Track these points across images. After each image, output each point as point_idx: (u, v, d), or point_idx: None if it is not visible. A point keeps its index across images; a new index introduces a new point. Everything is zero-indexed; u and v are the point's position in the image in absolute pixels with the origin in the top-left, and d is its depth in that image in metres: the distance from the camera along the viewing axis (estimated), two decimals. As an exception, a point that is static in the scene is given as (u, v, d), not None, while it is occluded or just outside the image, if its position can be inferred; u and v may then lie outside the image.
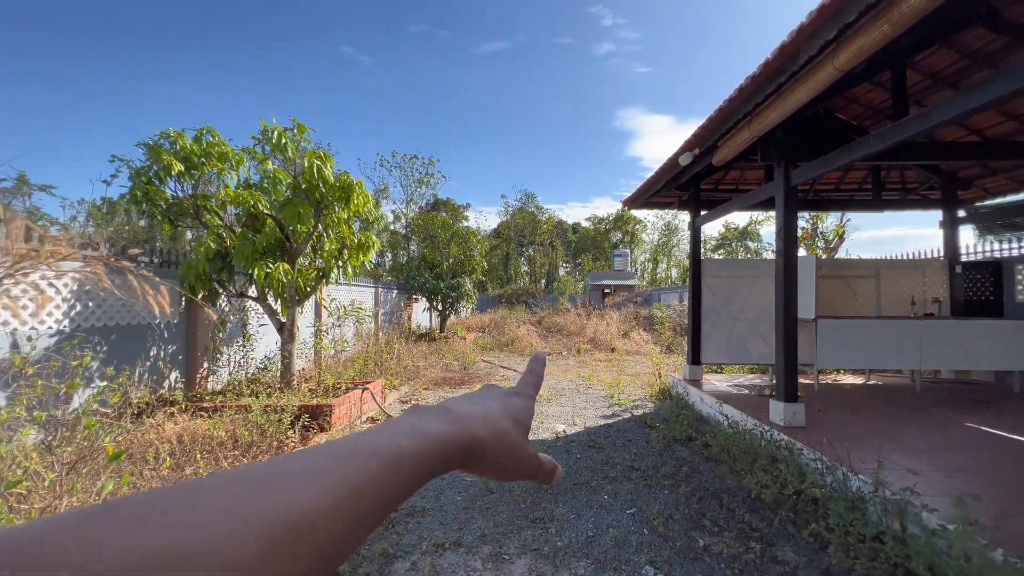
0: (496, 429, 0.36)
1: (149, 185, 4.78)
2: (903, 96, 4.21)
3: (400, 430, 0.30)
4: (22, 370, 2.41)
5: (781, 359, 4.35)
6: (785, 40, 3.06)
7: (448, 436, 0.32)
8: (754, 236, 42.11)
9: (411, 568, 2.56)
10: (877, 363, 5.57)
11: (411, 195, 36.79)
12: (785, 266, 4.38)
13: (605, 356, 11.59)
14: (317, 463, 0.24)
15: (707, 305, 6.59)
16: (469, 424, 0.34)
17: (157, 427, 3.75)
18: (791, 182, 4.43)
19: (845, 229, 13.96)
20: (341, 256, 5.90)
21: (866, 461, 3.15)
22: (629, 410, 6.06)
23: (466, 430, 0.33)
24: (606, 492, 3.51)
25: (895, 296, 6.93)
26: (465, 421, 0.34)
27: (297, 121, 5.12)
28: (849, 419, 4.48)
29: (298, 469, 0.24)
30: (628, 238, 47.32)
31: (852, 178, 7.37)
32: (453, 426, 0.33)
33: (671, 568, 2.54)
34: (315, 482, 0.23)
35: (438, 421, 0.33)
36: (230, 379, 5.91)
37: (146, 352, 4.84)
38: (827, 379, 6.72)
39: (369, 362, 8.01)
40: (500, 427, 0.36)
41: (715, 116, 4.19)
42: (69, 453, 2.37)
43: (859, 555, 2.45)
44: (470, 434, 0.34)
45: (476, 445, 0.34)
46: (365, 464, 0.26)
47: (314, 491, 0.22)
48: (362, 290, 10.94)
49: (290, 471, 0.23)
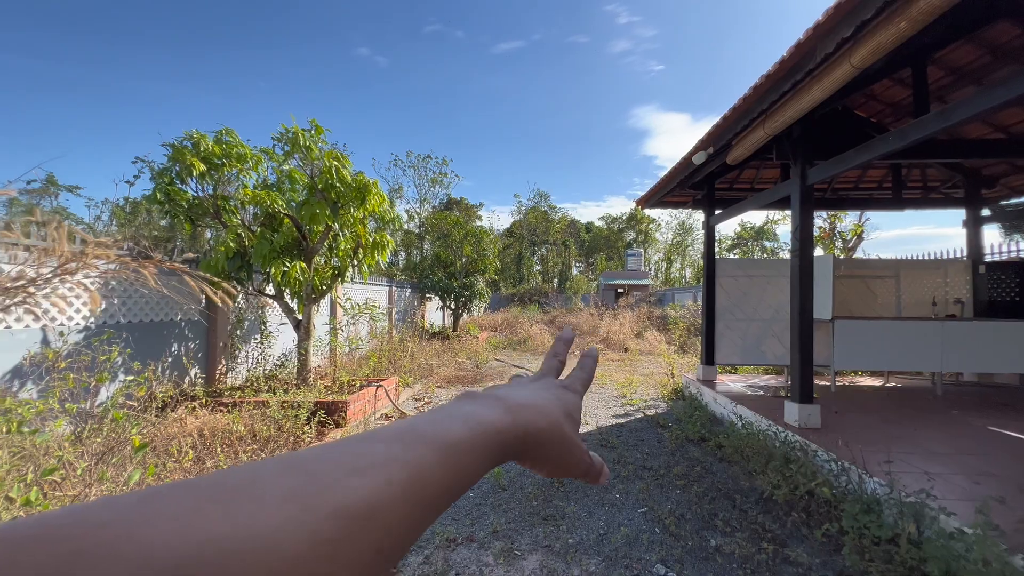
0: (550, 419, 0.35)
1: (171, 186, 4.91)
2: (924, 93, 4.13)
3: (455, 418, 0.29)
4: (55, 364, 2.51)
5: (796, 360, 4.30)
6: (801, 38, 3.04)
7: (505, 425, 0.31)
8: (770, 235, 41.52)
9: (424, 562, 2.61)
10: (896, 365, 5.47)
11: (424, 195, 37.02)
12: (801, 266, 4.34)
13: (618, 356, 11.55)
14: (373, 452, 0.23)
15: (721, 305, 6.53)
16: (525, 414, 0.33)
17: (179, 421, 3.86)
18: (807, 181, 4.38)
19: (864, 228, 13.69)
20: (356, 255, 5.99)
21: (882, 463, 3.11)
22: (642, 410, 6.04)
23: (523, 419, 0.32)
24: (618, 491, 3.52)
25: (916, 297, 6.78)
26: (520, 411, 0.33)
27: (315, 122, 5.22)
28: (866, 421, 4.42)
29: (353, 458, 0.23)
30: (642, 237, 46.98)
31: (871, 176, 7.23)
32: (509, 415, 0.32)
33: (682, 567, 2.55)
34: (372, 472, 0.22)
35: (493, 410, 0.31)
36: (248, 375, 6.04)
37: (168, 348, 4.99)
38: (844, 381, 6.62)
39: (383, 360, 8.11)
40: (555, 419, 0.35)
41: (729, 115, 4.17)
42: (98, 444, 2.47)
43: (874, 557, 2.42)
44: (526, 424, 0.32)
45: (533, 435, 0.32)
46: (422, 453, 0.25)
47: (371, 481, 0.22)
48: (376, 289, 11.07)
49: (345, 460, 0.22)
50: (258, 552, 0.17)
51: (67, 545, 0.14)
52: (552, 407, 0.36)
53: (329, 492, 0.20)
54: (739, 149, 4.61)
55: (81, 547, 0.14)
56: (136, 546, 0.15)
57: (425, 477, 0.24)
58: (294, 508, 0.19)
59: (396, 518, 0.21)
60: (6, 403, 2.11)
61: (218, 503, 0.18)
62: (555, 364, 0.46)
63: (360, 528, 0.20)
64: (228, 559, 0.16)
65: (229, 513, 0.17)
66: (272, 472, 0.20)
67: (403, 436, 0.25)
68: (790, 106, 3.69)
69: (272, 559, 0.17)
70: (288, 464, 0.21)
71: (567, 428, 0.36)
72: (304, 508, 0.19)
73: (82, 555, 0.14)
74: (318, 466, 0.21)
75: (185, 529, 0.16)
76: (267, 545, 0.17)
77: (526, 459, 0.34)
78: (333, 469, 0.21)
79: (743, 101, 3.89)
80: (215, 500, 0.18)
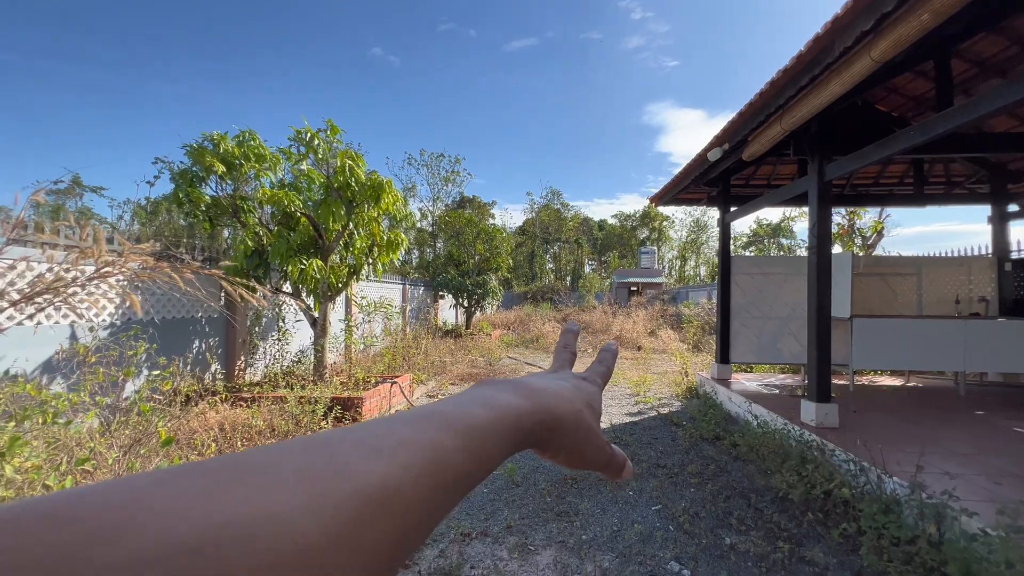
0: (572, 407, 0.34)
1: (191, 187, 5.03)
2: (947, 85, 4.03)
3: (475, 402, 0.29)
4: (85, 358, 2.61)
5: (814, 358, 4.25)
6: (819, 31, 2.99)
7: (525, 410, 0.30)
8: (787, 232, 40.86)
9: (439, 555, 2.65)
10: (917, 364, 5.36)
11: (437, 193, 37.23)
12: (819, 263, 4.28)
13: (631, 354, 11.49)
14: (393, 434, 0.23)
15: (736, 303, 6.47)
16: (545, 400, 0.32)
17: (201, 415, 3.96)
18: (825, 177, 4.31)
19: (884, 225, 13.40)
20: (371, 253, 6.06)
21: (902, 463, 3.06)
22: (655, 408, 6.02)
23: (542, 404, 0.32)
24: (631, 488, 3.52)
25: (938, 295, 6.63)
26: (541, 396, 0.32)
27: (331, 122, 5.29)
28: (886, 421, 4.35)
29: (374, 440, 0.22)
30: (655, 235, 46.61)
31: (892, 171, 7.08)
32: (529, 400, 0.31)
33: (697, 565, 2.55)
34: (391, 454, 0.22)
35: (513, 395, 0.31)
36: (266, 371, 6.16)
37: (189, 344, 5.11)
38: (863, 380, 6.50)
39: (397, 357, 8.20)
40: (576, 406, 0.35)
41: (745, 110, 4.12)
42: (126, 436, 2.56)
43: (892, 558, 2.39)
44: (547, 408, 0.32)
45: (553, 421, 0.32)
46: (441, 437, 0.24)
47: (391, 464, 0.21)
48: (390, 287, 11.18)
49: (365, 442, 0.22)
50: (279, 534, 0.16)
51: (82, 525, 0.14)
52: (572, 395, 0.35)
53: (348, 474, 0.20)
54: (755, 145, 4.56)
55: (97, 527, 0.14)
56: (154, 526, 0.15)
57: (445, 461, 0.23)
58: (312, 490, 0.18)
59: (416, 502, 0.21)
60: (42, 395, 2.20)
61: (235, 484, 0.17)
62: (567, 356, 0.46)
63: (380, 511, 0.19)
64: (249, 539, 0.16)
65: (247, 494, 0.17)
66: (290, 453, 0.20)
67: (423, 420, 0.25)
68: (808, 101, 3.64)
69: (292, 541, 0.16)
70: (307, 445, 0.21)
71: (588, 417, 0.35)
72: (323, 490, 0.19)
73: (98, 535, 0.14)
74: (337, 448, 0.21)
75: (203, 509, 0.16)
76: (287, 527, 0.17)
77: (546, 447, 0.33)
78: (352, 451, 0.21)
79: (759, 96, 3.84)
80: (232, 481, 0.17)
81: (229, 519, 0.16)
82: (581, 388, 0.38)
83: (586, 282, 32.20)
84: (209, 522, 0.15)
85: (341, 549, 0.18)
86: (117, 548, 0.14)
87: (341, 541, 0.18)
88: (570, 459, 0.35)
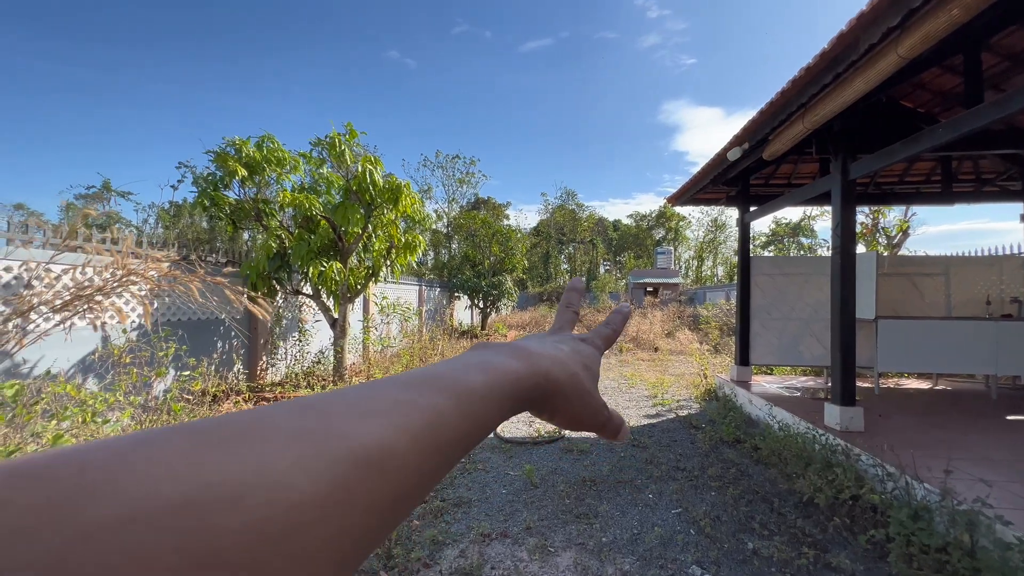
0: (568, 371, 0.34)
1: (215, 191, 5.15)
2: (977, 81, 3.91)
3: (472, 365, 0.29)
4: (120, 359, 2.70)
5: (838, 360, 4.16)
6: (844, 28, 2.94)
7: (521, 372, 0.30)
8: (807, 232, 40.05)
9: (460, 555, 2.66)
10: (946, 367, 5.21)
11: (453, 194, 37.41)
12: (842, 264, 4.19)
13: (648, 356, 11.40)
14: (388, 396, 0.23)
15: (756, 304, 6.37)
16: (541, 362, 0.32)
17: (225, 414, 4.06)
18: (849, 175, 4.22)
19: (909, 224, 13.06)
20: (389, 255, 6.14)
21: (932, 469, 2.98)
22: (673, 410, 5.96)
23: (538, 367, 0.32)
24: (651, 491, 3.50)
25: (967, 295, 6.44)
26: (536, 359, 0.32)
27: (350, 126, 5.37)
28: (913, 425, 4.24)
29: (368, 402, 0.22)
30: (672, 235, 46.13)
31: (918, 169, 6.89)
32: (525, 362, 0.31)
33: (719, 569, 2.52)
34: (386, 416, 0.21)
35: (509, 357, 0.31)
36: (287, 371, 6.28)
37: (214, 345, 5.24)
38: (888, 383, 6.35)
39: (414, 358, 8.26)
40: (571, 369, 0.35)
41: (766, 109, 4.06)
42: (157, 434, 2.63)
43: (922, 566, 2.34)
44: (543, 371, 0.32)
45: (549, 384, 0.32)
46: (436, 399, 0.24)
47: (386, 425, 0.21)
48: (407, 288, 11.28)
49: (360, 403, 0.22)
50: (270, 491, 0.16)
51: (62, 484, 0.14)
52: (569, 358, 0.35)
53: (342, 434, 0.19)
54: (776, 144, 4.49)
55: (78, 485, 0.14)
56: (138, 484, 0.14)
57: (441, 423, 0.23)
58: (306, 448, 0.18)
59: (412, 463, 0.21)
60: (81, 395, 2.29)
61: (224, 443, 0.17)
62: (569, 315, 0.45)
63: (373, 472, 0.19)
64: (238, 497, 0.15)
65: (236, 452, 0.17)
66: (282, 414, 0.19)
67: (420, 381, 0.25)
68: (831, 99, 3.57)
69: (285, 499, 0.16)
70: (300, 406, 0.20)
71: (584, 379, 0.35)
72: (317, 449, 0.18)
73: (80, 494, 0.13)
74: (331, 408, 0.21)
75: (190, 467, 0.15)
76: (279, 484, 0.16)
77: (543, 408, 0.33)
78: (347, 411, 0.21)
79: (781, 95, 3.79)
80: (221, 440, 0.17)
81: (217, 477, 0.15)
82: (579, 351, 0.38)
83: (601, 283, 31.99)
84: (196, 480, 0.15)
85: (334, 507, 0.17)
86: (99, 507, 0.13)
87: (334, 500, 0.17)
88: (566, 421, 0.35)
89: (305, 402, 0.21)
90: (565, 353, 0.36)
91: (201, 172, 5.26)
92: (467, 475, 3.79)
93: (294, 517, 0.16)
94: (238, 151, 5.17)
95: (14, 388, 2.15)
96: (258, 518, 0.15)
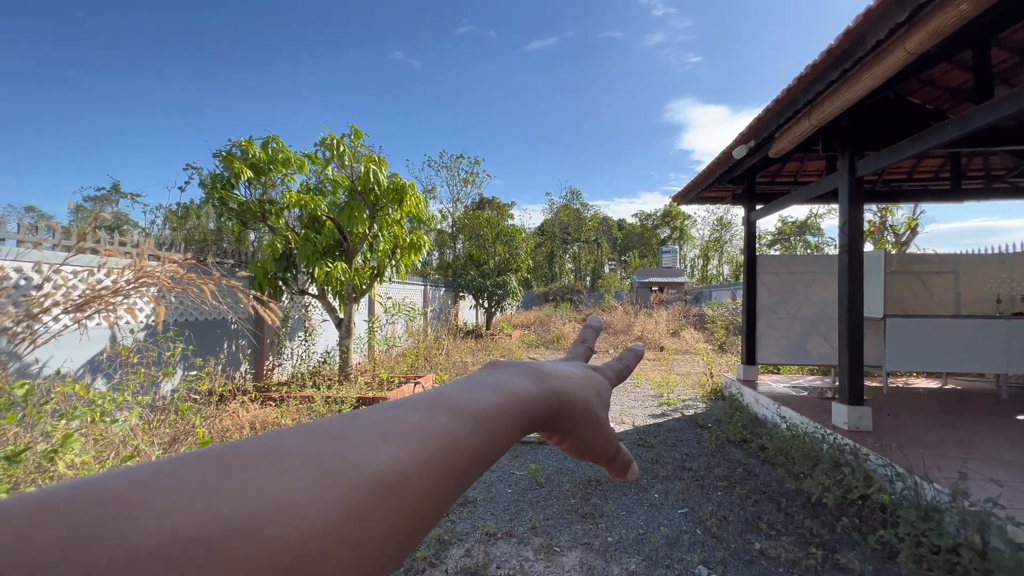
0: (581, 394, 0.34)
1: (224, 191, 5.19)
2: (987, 76, 3.87)
3: (485, 386, 0.29)
4: (128, 359, 2.73)
5: (845, 359, 4.13)
6: (850, 24, 2.91)
7: (533, 394, 0.30)
8: (814, 230, 39.75)
9: (465, 555, 2.67)
10: (955, 366, 5.16)
11: (457, 194, 37.39)
12: (850, 262, 4.16)
13: (653, 355, 11.36)
14: (402, 419, 0.23)
15: (763, 303, 6.33)
16: (555, 384, 0.32)
17: (233, 414, 4.09)
18: (856, 173, 4.19)
19: (918, 222, 12.94)
20: (394, 255, 6.15)
21: (942, 469, 2.95)
22: (679, 410, 5.94)
23: (551, 388, 0.32)
24: (656, 491, 3.49)
25: (977, 294, 6.36)
26: (550, 380, 0.32)
27: (354, 127, 5.39)
28: (922, 424, 4.19)
29: (383, 425, 0.22)
30: (677, 234, 45.93)
31: (927, 166, 6.82)
32: (538, 383, 0.31)
33: (725, 569, 2.50)
34: (401, 440, 0.21)
35: (522, 378, 0.31)
36: (293, 371, 6.31)
37: (221, 345, 5.27)
38: (897, 382, 6.29)
39: (420, 357, 8.29)
40: (584, 393, 0.34)
41: (772, 107, 4.03)
42: (166, 433, 2.66)
43: (933, 567, 2.32)
44: (557, 392, 0.32)
45: (563, 405, 0.32)
46: (451, 422, 0.24)
47: (401, 450, 0.21)
48: (412, 288, 11.30)
49: (374, 427, 0.22)
50: (285, 524, 0.16)
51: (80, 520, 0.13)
52: (582, 382, 0.35)
53: (358, 459, 0.19)
54: (782, 142, 4.46)
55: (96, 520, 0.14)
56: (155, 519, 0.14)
57: (456, 447, 0.23)
58: (321, 476, 0.18)
59: (426, 488, 0.21)
60: (90, 394, 2.32)
61: (240, 473, 0.17)
62: (583, 350, 0.45)
63: (389, 498, 0.19)
64: (256, 530, 0.15)
65: (252, 483, 0.16)
66: (297, 439, 0.19)
67: (433, 404, 0.25)
68: (838, 96, 3.54)
69: (300, 531, 0.16)
70: (314, 431, 0.20)
71: (596, 406, 0.35)
72: (332, 478, 0.18)
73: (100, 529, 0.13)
74: (344, 435, 0.21)
75: (207, 500, 0.15)
76: (294, 515, 0.16)
77: (554, 430, 0.33)
78: (361, 437, 0.21)
79: (787, 92, 3.76)
80: (237, 470, 0.17)
81: (234, 509, 0.15)
82: (591, 377, 0.38)
83: (606, 282, 31.91)
84: (213, 513, 0.15)
85: (351, 536, 0.17)
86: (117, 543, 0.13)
87: (351, 528, 0.17)
88: (576, 446, 0.35)
89: (318, 427, 0.21)
90: (578, 377, 0.36)
91: (208, 172, 5.30)
92: (472, 475, 3.79)
93: (310, 548, 0.16)
94: (244, 152, 5.20)
95: (24, 388, 2.18)
96: (273, 550, 0.15)
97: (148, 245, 2.45)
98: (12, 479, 1.97)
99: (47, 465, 2.05)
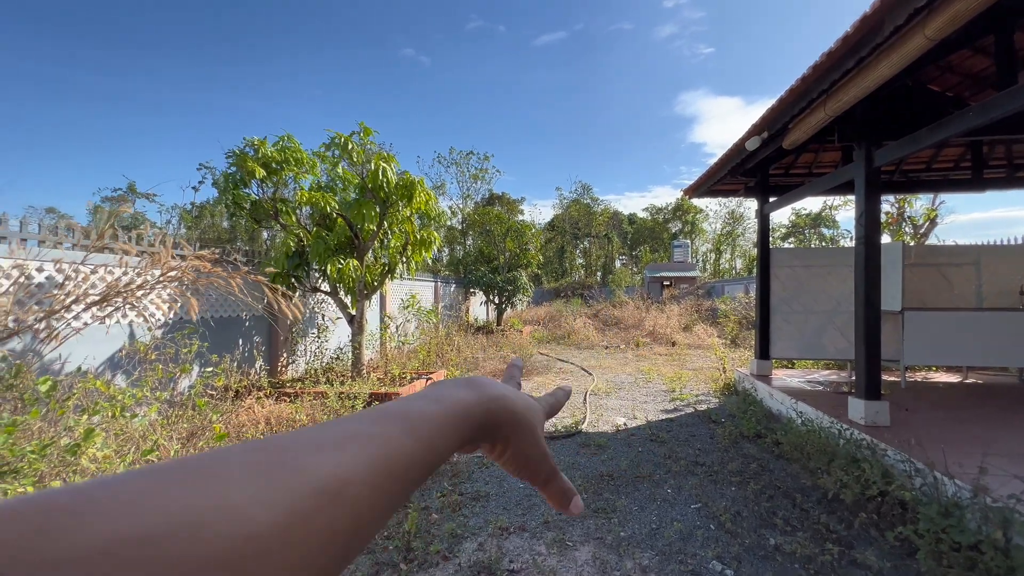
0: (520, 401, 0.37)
1: (236, 190, 5.25)
2: (1010, 62, 3.75)
3: (426, 398, 0.31)
4: (146, 355, 2.79)
5: (862, 354, 4.06)
6: (867, 11, 2.84)
7: (473, 402, 0.32)
8: (828, 222, 39.06)
9: (478, 548, 2.68)
10: (976, 360, 5.05)
11: (467, 191, 37.43)
12: (867, 254, 4.08)
13: (665, 350, 11.29)
14: (342, 429, 0.24)
15: (777, 297, 6.25)
16: (492, 390, 0.35)
17: (248, 410, 4.15)
18: (873, 163, 4.10)
19: (937, 213, 12.65)
20: (405, 252, 6.17)
21: (963, 465, 2.89)
22: (692, 405, 5.90)
23: (490, 394, 0.34)
24: (669, 486, 3.47)
25: (1000, 286, 6.21)
26: (488, 388, 0.35)
27: (363, 124, 5.41)
28: (942, 420, 4.11)
29: (323, 435, 0.23)
30: (688, 228, 45.50)
31: (946, 155, 6.66)
32: (476, 391, 0.34)
33: (740, 565, 2.49)
34: (340, 447, 0.23)
35: (461, 389, 0.33)
36: (307, 367, 6.39)
37: (236, 342, 5.35)
38: (915, 376, 6.17)
39: (431, 354, 8.32)
40: (522, 401, 0.37)
41: (785, 97, 3.96)
42: (184, 428, 2.72)
43: (953, 564, 2.27)
44: (495, 399, 0.34)
45: (502, 411, 0.34)
46: (390, 430, 0.26)
47: (341, 457, 0.22)
48: (423, 284, 11.36)
49: (313, 438, 0.23)
50: (229, 525, 0.17)
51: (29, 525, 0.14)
52: (524, 399, 0.38)
53: (298, 466, 0.20)
54: (796, 133, 4.38)
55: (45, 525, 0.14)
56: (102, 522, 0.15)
57: (395, 451, 0.25)
58: (263, 481, 0.19)
59: (368, 491, 0.22)
60: (111, 390, 2.37)
61: (184, 480, 0.18)
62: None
63: (330, 501, 0.20)
64: (198, 531, 0.16)
65: (196, 488, 0.17)
66: (240, 451, 0.21)
67: (374, 415, 0.27)
68: (854, 85, 3.47)
69: (243, 530, 0.17)
70: (259, 444, 0.22)
71: (532, 417, 0.37)
72: (273, 483, 0.19)
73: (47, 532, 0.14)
74: (288, 443, 0.22)
75: (151, 503, 0.16)
76: (237, 516, 0.17)
77: (496, 437, 0.35)
78: (301, 446, 0.22)
79: (801, 82, 3.69)
80: (181, 478, 0.18)
81: (179, 511, 0.16)
82: (527, 396, 0.40)
83: (616, 277, 31.73)
84: (157, 514, 0.16)
85: (295, 536, 0.18)
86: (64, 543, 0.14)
87: (294, 529, 0.18)
88: (515, 457, 0.36)
89: (264, 440, 0.22)
90: (516, 392, 0.38)
91: (221, 172, 5.37)
92: (484, 469, 3.80)
93: (254, 546, 0.17)
94: (256, 151, 5.25)
95: (47, 384, 2.23)
96: (218, 548, 0.16)
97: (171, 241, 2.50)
98: (37, 472, 2.03)
99: (70, 459, 2.11)
